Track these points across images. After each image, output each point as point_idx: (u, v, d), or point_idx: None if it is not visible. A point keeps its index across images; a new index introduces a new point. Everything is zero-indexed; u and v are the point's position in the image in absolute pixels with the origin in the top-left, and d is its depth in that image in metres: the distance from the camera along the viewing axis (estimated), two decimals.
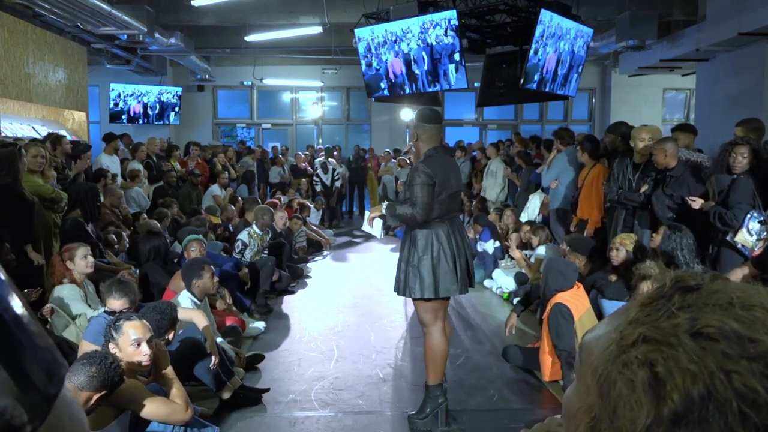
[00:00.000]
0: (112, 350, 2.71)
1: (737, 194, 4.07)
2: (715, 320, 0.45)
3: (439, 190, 3.30)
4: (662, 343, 0.46)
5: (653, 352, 0.46)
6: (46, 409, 0.41)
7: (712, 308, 0.46)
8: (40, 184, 4.97)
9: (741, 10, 7.06)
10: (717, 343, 0.44)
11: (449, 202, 3.40)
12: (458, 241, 3.40)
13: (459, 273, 3.35)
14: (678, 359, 0.44)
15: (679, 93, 13.80)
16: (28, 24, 7.90)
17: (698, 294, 0.48)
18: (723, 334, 0.44)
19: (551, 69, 6.87)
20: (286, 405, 3.75)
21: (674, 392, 0.43)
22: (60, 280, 4.16)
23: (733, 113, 7.05)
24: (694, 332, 0.45)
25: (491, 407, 3.78)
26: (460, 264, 3.37)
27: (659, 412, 0.43)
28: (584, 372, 0.51)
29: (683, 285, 0.49)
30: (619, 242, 4.54)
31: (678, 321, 0.46)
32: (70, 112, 9.48)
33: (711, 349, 0.44)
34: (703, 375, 0.43)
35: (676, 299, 0.48)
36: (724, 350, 0.43)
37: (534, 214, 7.16)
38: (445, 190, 3.35)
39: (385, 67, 6.94)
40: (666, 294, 0.49)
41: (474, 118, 14.82)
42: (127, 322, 2.76)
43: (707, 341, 0.44)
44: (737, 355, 0.43)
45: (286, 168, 12.18)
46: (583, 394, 0.50)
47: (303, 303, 6.29)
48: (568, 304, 3.88)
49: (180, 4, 9.43)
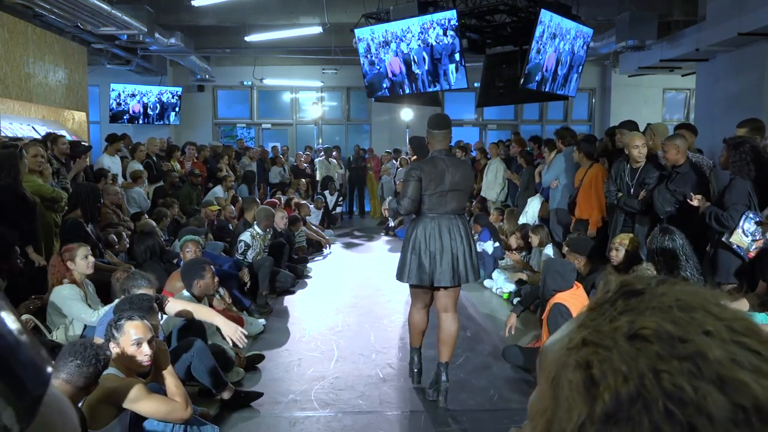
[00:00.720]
0: (113, 349, 2.72)
1: (733, 195, 4.07)
2: (652, 322, 0.47)
3: (427, 187, 3.62)
4: (599, 345, 0.48)
5: (591, 355, 0.48)
6: (34, 409, 0.41)
7: (652, 311, 0.48)
8: (40, 183, 4.98)
9: (741, 10, 7.06)
10: (651, 345, 0.46)
11: (440, 198, 3.65)
12: (451, 238, 3.66)
13: (433, 266, 3.64)
14: (612, 361, 0.46)
15: (679, 93, 13.80)
16: (28, 24, 7.90)
17: (641, 298, 0.50)
18: (657, 336, 0.46)
19: (551, 69, 6.87)
20: (286, 405, 3.75)
21: (605, 392, 0.45)
22: (60, 280, 4.16)
23: (733, 113, 7.05)
24: (631, 335, 0.47)
25: (491, 407, 3.78)
26: (445, 259, 3.63)
27: (592, 411, 0.46)
28: (541, 376, 0.53)
29: (628, 289, 0.51)
30: (619, 242, 4.54)
31: (618, 324, 0.48)
32: (70, 112, 9.48)
33: (645, 351, 0.46)
34: (633, 375, 0.45)
35: (620, 304, 0.50)
36: (657, 351, 0.45)
37: (533, 217, 7.16)
38: (436, 188, 3.62)
39: (385, 66, 6.95)
40: (610, 299, 0.51)
41: (474, 118, 14.82)
42: (129, 321, 2.77)
43: (642, 343, 0.46)
44: (669, 356, 0.45)
45: (286, 168, 12.19)
46: (541, 398, 0.52)
47: (303, 303, 6.30)
48: (568, 304, 3.88)
49: (180, 4, 9.43)
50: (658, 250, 3.89)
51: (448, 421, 3.55)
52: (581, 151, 5.95)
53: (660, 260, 3.86)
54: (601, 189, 5.64)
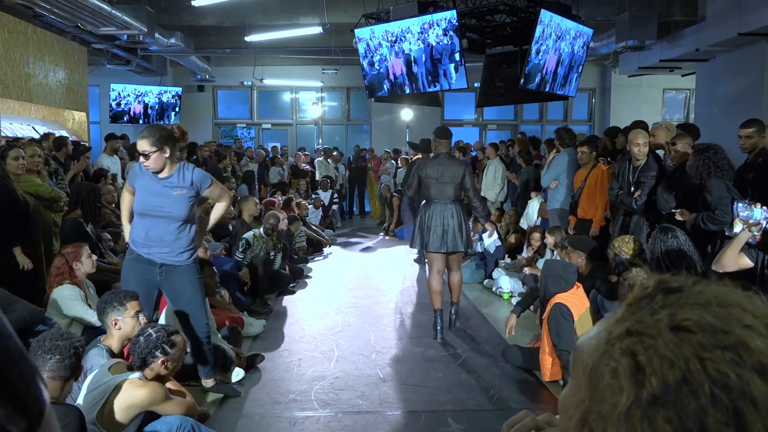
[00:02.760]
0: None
1: (713, 194, 4.09)
2: (693, 315, 0.50)
3: (425, 179, 5.03)
4: (644, 335, 0.50)
5: (635, 344, 0.50)
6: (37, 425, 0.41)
7: (692, 306, 0.51)
8: (38, 183, 4.97)
9: (741, 11, 7.06)
10: (694, 335, 0.48)
11: (439, 187, 4.99)
12: (443, 217, 4.96)
13: (428, 236, 4.99)
14: (657, 348, 0.49)
15: (679, 93, 13.81)
16: (29, 24, 7.90)
17: (680, 294, 0.52)
18: (700, 327, 0.49)
19: (551, 69, 6.87)
20: (286, 405, 3.75)
21: (652, 377, 0.48)
22: (60, 281, 4.15)
23: (733, 113, 7.06)
24: (673, 326, 0.50)
25: (491, 407, 3.78)
26: (437, 231, 4.96)
27: (638, 395, 0.48)
28: (577, 370, 0.55)
29: (666, 286, 0.54)
30: (620, 243, 4.54)
31: (659, 317, 0.51)
32: (71, 112, 9.48)
33: (688, 340, 0.48)
34: (680, 362, 0.47)
35: (659, 298, 0.53)
36: (700, 341, 0.48)
37: (533, 219, 7.16)
38: (433, 181, 4.99)
39: (386, 67, 6.95)
40: (650, 294, 0.54)
41: (474, 118, 14.82)
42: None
43: (685, 333, 0.49)
44: (711, 345, 0.47)
45: (286, 168, 12.18)
46: (576, 391, 0.54)
47: (303, 303, 6.29)
48: (568, 304, 3.88)
49: (180, 5, 9.44)
50: (663, 250, 3.88)
51: (448, 421, 3.54)
52: (591, 150, 5.96)
53: (665, 260, 3.85)
54: (606, 189, 5.68)
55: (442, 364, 4.46)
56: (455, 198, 5.02)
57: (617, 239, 4.58)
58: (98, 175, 6.82)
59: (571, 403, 0.54)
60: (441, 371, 4.33)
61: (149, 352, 2.82)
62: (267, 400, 3.81)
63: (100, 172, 6.95)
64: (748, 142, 4.54)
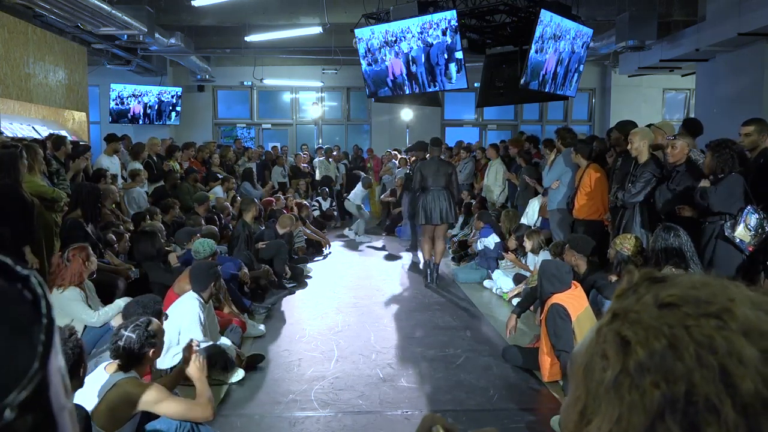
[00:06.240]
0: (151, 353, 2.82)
1: (727, 186, 4.17)
2: (678, 291, 0.51)
3: (427, 174, 6.69)
4: (629, 313, 0.52)
5: (621, 324, 0.51)
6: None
7: (677, 286, 0.52)
8: (40, 184, 4.97)
9: (741, 11, 7.07)
10: (679, 308, 0.49)
11: (432, 180, 6.66)
12: (438, 199, 6.66)
13: (425, 213, 6.69)
14: (642, 321, 0.50)
15: (679, 93, 13.81)
16: (29, 24, 7.90)
17: (664, 284, 0.53)
18: (684, 300, 0.50)
19: (551, 69, 6.88)
20: (286, 405, 3.75)
21: (638, 347, 0.49)
22: (61, 283, 4.15)
23: (732, 113, 7.06)
24: (658, 303, 0.51)
25: (491, 407, 3.78)
26: (430, 209, 6.65)
27: (625, 365, 0.49)
28: (573, 373, 0.56)
29: (651, 276, 0.55)
30: (621, 240, 4.54)
31: (645, 299, 0.52)
32: (71, 112, 9.48)
33: (674, 312, 0.49)
34: (665, 329, 0.48)
35: (644, 286, 0.54)
36: (685, 311, 0.49)
37: (533, 219, 7.16)
38: (432, 175, 6.67)
39: (386, 67, 6.96)
40: (636, 283, 0.55)
41: (474, 118, 14.82)
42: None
43: (670, 308, 0.50)
44: (697, 314, 0.48)
45: (286, 168, 12.18)
46: (574, 392, 0.55)
47: (303, 303, 6.29)
48: (565, 304, 3.88)
49: (180, 5, 9.44)
50: (662, 247, 3.89)
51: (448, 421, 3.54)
52: (578, 152, 5.99)
53: (662, 257, 3.85)
54: (600, 188, 5.70)
55: (442, 364, 4.46)
56: (445, 186, 6.75)
57: (618, 237, 4.59)
58: (97, 175, 6.82)
59: (568, 405, 0.55)
60: (441, 371, 4.33)
61: (138, 352, 2.76)
62: (267, 400, 3.81)
63: (100, 172, 6.94)
64: (747, 139, 4.61)
